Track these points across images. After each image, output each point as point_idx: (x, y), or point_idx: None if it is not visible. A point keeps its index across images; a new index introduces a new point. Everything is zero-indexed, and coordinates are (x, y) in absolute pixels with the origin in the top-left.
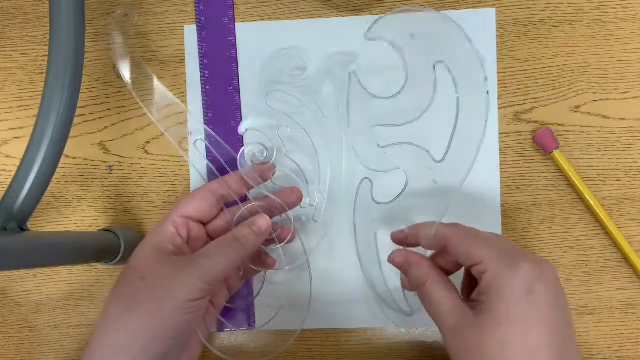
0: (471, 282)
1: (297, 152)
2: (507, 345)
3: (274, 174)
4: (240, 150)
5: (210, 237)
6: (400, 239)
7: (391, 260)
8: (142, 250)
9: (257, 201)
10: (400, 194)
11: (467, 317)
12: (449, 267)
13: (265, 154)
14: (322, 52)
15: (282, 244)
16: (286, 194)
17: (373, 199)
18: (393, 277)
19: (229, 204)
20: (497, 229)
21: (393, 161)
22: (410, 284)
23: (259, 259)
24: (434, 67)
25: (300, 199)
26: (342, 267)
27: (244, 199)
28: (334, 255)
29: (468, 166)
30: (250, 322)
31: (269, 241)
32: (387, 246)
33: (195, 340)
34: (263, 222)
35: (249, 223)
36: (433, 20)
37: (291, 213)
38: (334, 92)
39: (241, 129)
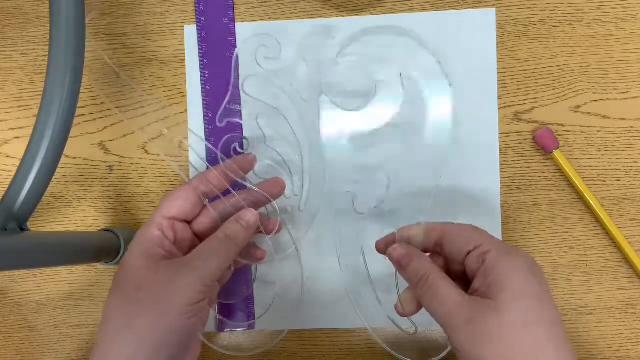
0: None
1: (279, 140)
2: (528, 323)
3: (255, 165)
4: (220, 143)
5: (197, 235)
6: (388, 245)
7: (390, 252)
8: (132, 259)
9: (240, 194)
10: (384, 196)
11: (481, 306)
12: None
13: (246, 146)
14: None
15: (270, 236)
16: (269, 185)
17: (355, 210)
18: (388, 305)
19: (212, 199)
20: (497, 229)
21: (374, 165)
22: (409, 279)
23: (248, 252)
24: (400, 75)
25: (283, 188)
26: (334, 260)
27: (227, 194)
28: (325, 250)
29: (444, 152)
30: (250, 321)
31: (256, 233)
32: (375, 262)
33: (197, 341)
34: (250, 215)
35: (237, 218)
36: (392, 37)
37: (276, 204)
38: (309, 74)
39: (219, 120)
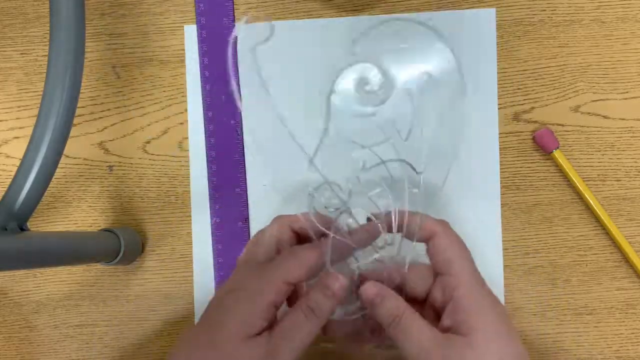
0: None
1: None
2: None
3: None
4: (333, 226)
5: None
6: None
7: (363, 291)
8: (224, 333)
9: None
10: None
11: (456, 342)
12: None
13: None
14: (321, 53)
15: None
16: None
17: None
18: None
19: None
20: (497, 229)
21: (371, 185)
22: (382, 319)
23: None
24: (422, 77)
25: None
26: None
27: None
28: None
29: (446, 171)
30: None
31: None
32: None
33: None
34: (337, 285)
35: (322, 287)
36: (410, 28)
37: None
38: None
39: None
